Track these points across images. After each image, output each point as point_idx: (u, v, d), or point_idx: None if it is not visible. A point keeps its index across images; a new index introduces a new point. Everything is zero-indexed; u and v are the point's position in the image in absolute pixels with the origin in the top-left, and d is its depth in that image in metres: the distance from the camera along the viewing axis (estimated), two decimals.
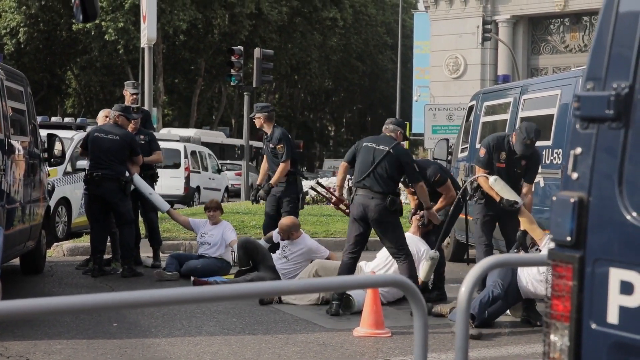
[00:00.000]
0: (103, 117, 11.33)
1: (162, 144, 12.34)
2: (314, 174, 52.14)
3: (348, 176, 9.05)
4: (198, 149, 26.30)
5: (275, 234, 10.08)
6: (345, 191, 9.29)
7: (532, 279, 7.76)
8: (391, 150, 8.31)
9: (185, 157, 24.15)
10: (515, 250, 8.31)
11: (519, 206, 8.35)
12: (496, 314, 7.88)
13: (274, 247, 10.08)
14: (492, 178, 8.53)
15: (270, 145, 10.55)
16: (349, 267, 8.40)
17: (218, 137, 39.94)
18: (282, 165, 10.35)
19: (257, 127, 10.80)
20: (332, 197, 9.72)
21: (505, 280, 7.84)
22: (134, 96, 11.72)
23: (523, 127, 8.67)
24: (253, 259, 9.82)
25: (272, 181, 10.40)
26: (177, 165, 23.68)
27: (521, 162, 8.79)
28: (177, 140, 25.01)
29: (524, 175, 8.88)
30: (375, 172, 8.27)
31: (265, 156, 10.89)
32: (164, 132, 31.21)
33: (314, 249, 9.81)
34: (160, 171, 11.81)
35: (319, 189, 11.15)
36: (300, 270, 9.52)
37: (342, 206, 9.60)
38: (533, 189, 9.03)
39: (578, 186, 2.90)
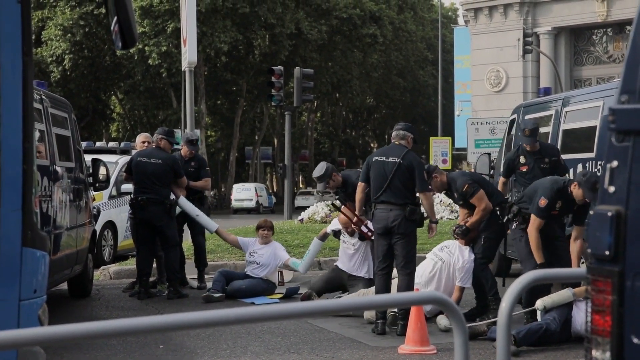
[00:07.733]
0: (140, 142, 11.36)
1: None
2: None
3: None
4: None
5: (329, 228, 10.48)
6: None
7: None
8: (401, 161, 8.26)
9: None
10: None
11: (574, 298, 7.77)
12: (543, 343, 7.71)
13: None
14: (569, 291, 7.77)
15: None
16: (384, 284, 8.35)
17: None
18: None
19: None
20: (354, 217, 9.29)
21: (561, 317, 7.73)
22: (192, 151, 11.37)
23: (585, 177, 7.97)
24: (345, 284, 10.01)
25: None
26: None
27: (573, 208, 8.26)
28: None
29: (574, 217, 8.30)
30: (391, 185, 8.23)
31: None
32: None
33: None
34: None
35: (341, 209, 9.82)
36: (366, 260, 9.80)
37: (363, 227, 9.35)
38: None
39: (615, 200, 2.89)
